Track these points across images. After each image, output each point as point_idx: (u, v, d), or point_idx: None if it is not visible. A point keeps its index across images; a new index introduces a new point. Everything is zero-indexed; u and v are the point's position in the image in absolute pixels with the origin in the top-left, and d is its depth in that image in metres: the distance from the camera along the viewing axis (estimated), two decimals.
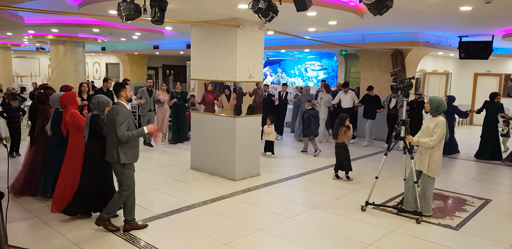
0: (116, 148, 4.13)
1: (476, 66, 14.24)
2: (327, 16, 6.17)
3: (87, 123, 4.39)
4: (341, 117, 6.70)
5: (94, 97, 4.52)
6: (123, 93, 4.29)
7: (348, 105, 9.96)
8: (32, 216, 4.70)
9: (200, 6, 5.41)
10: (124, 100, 4.28)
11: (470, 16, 6.49)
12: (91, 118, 4.39)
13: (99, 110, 4.47)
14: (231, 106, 6.47)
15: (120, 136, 4.06)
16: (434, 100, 4.81)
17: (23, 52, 19.45)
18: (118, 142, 4.12)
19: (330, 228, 4.60)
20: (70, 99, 4.83)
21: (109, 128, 4.17)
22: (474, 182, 6.78)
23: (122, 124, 4.07)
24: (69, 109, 4.76)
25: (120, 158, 4.14)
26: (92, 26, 9.05)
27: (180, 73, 20.21)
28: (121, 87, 4.29)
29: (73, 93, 4.99)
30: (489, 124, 8.60)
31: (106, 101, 4.51)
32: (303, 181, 6.63)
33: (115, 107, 4.20)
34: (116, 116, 4.08)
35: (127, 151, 4.17)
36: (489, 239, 4.40)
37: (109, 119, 4.16)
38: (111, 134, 4.15)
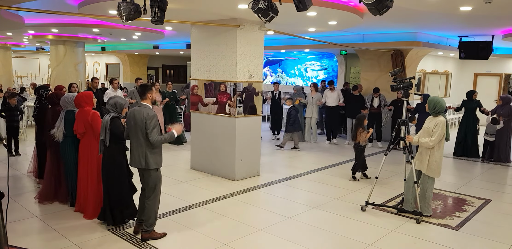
0: (144, 153, 3.95)
1: (476, 66, 14.24)
2: (327, 16, 6.17)
3: (106, 126, 4.16)
4: (358, 118, 6.68)
5: (111, 98, 4.31)
6: (150, 95, 4.07)
7: (334, 103, 10.03)
8: (32, 216, 4.70)
9: (200, 6, 5.41)
10: (149, 102, 4.08)
11: (470, 16, 6.49)
12: (111, 121, 4.17)
13: (117, 112, 4.26)
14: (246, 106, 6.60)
15: (154, 141, 3.89)
16: (430, 101, 4.82)
17: (23, 52, 19.45)
18: (148, 147, 3.94)
19: (330, 228, 4.60)
20: (87, 99, 4.68)
21: (136, 131, 3.96)
22: (474, 182, 6.78)
23: (155, 128, 3.90)
24: (88, 110, 4.61)
25: (150, 163, 3.97)
26: (92, 26, 9.05)
27: (180, 73, 20.21)
28: (148, 88, 4.07)
29: (90, 93, 4.82)
30: (469, 122, 8.76)
31: (124, 102, 4.33)
32: (303, 181, 6.63)
33: (144, 110, 3.95)
34: (148, 120, 3.88)
35: (157, 156, 4.03)
36: (489, 239, 4.40)
37: (136, 123, 3.93)
38: (138, 138, 3.95)
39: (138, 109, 3.99)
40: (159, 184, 4.13)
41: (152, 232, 4.15)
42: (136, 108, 4.01)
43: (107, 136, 4.17)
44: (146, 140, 3.93)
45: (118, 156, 4.28)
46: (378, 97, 9.75)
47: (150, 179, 4.05)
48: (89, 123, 4.53)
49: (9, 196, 4.58)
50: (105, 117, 4.23)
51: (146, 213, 4.09)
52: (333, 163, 7.92)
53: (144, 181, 4.10)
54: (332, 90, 10.04)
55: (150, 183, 4.06)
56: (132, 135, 4.01)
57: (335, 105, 10.02)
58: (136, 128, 3.94)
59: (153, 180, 4.06)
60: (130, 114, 4.02)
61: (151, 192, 4.08)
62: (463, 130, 8.86)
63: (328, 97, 10.03)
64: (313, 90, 10.12)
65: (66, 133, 4.81)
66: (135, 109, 4.01)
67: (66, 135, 4.82)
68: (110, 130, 4.16)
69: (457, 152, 8.91)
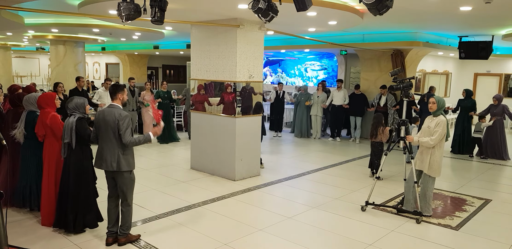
0: (116, 155, 3.79)
1: (476, 66, 14.24)
2: (327, 16, 6.17)
3: (71, 128, 3.98)
4: (377, 117, 6.70)
5: (69, 100, 4.13)
6: (120, 96, 3.94)
7: (340, 102, 10.18)
8: (32, 216, 4.69)
9: (200, 6, 5.41)
10: (119, 103, 3.93)
11: (470, 16, 6.49)
12: (76, 122, 4.00)
13: (80, 112, 4.10)
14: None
15: (127, 142, 3.75)
16: (439, 100, 4.81)
17: (23, 52, 19.44)
18: (120, 148, 3.80)
19: (330, 228, 4.60)
20: (48, 100, 4.42)
21: (106, 133, 3.80)
22: (474, 182, 6.78)
23: (128, 129, 3.77)
24: (49, 112, 4.35)
25: (121, 165, 3.80)
26: (92, 26, 9.05)
27: (180, 73, 20.21)
28: (119, 89, 3.94)
29: (53, 95, 4.54)
30: (465, 120, 8.90)
31: (83, 101, 4.15)
32: (303, 181, 6.63)
33: (115, 110, 3.81)
34: (121, 121, 3.74)
35: (129, 157, 3.87)
36: (489, 239, 4.40)
37: (107, 123, 3.78)
38: (110, 139, 3.80)
39: (108, 110, 3.83)
40: (132, 186, 3.96)
41: (128, 235, 4.03)
42: (106, 109, 3.86)
43: (73, 138, 3.98)
44: (118, 141, 3.78)
45: (86, 159, 4.12)
46: (385, 96, 9.77)
47: (123, 182, 3.87)
48: (48, 126, 4.30)
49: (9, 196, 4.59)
50: (69, 119, 4.04)
51: (122, 218, 3.97)
52: (333, 163, 7.92)
53: (117, 185, 3.91)
54: (339, 89, 10.20)
55: (123, 186, 3.88)
56: (102, 136, 3.84)
57: (340, 104, 10.16)
58: (107, 129, 3.78)
59: (126, 182, 3.89)
60: (99, 115, 3.86)
61: (124, 196, 3.91)
62: (459, 128, 9.01)
63: (335, 96, 10.23)
64: (320, 89, 10.38)
65: (27, 135, 4.54)
66: (105, 110, 3.86)
67: (26, 136, 4.54)
68: (76, 132, 3.99)
69: (453, 149, 9.10)
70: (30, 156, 4.58)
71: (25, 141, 4.57)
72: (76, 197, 4.10)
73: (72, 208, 4.11)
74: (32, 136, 4.52)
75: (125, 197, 3.93)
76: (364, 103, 10.03)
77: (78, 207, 4.12)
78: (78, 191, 4.10)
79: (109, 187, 4.01)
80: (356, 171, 7.33)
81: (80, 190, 4.11)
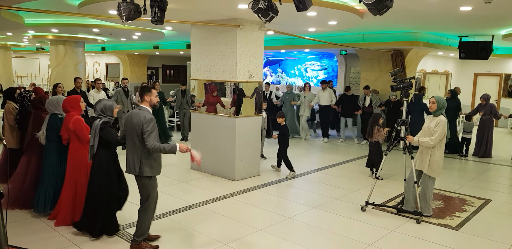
0: (139, 159, 3.70)
1: (476, 66, 14.24)
2: (327, 16, 6.17)
3: (96, 132, 3.92)
4: (374, 116, 6.77)
5: (98, 102, 4.07)
6: (147, 98, 3.82)
7: (326, 102, 10.19)
8: (32, 216, 4.69)
9: (200, 6, 5.41)
10: (148, 105, 3.82)
11: (470, 16, 6.49)
12: (101, 126, 3.92)
13: (107, 115, 4.02)
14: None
15: (151, 146, 3.61)
16: (439, 100, 4.82)
17: (23, 52, 19.44)
18: (143, 152, 3.70)
19: (330, 228, 4.60)
20: (73, 103, 4.42)
21: (132, 135, 3.72)
22: (474, 182, 6.78)
23: (152, 133, 3.64)
24: (72, 115, 4.35)
25: (143, 170, 3.71)
26: (92, 26, 9.05)
27: (180, 73, 20.21)
28: (146, 91, 3.83)
29: (78, 97, 4.53)
30: (451, 120, 8.90)
31: (111, 103, 4.09)
32: (303, 181, 6.63)
33: (141, 113, 3.71)
34: (145, 124, 3.63)
35: (153, 162, 3.76)
36: (489, 239, 4.40)
37: (132, 126, 3.70)
38: (134, 142, 3.72)
39: (136, 112, 3.77)
40: (153, 193, 3.87)
41: (141, 243, 3.91)
42: (134, 111, 3.80)
43: (95, 142, 3.92)
44: (142, 145, 3.69)
45: (107, 163, 4.02)
46: (369, 96, 9.93)
47: (142, 188, 3.82)
48: (71, 130, 4.28)
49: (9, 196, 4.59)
50: (95, 122, 3.95)
51: (137, 223, 3.88)
52: (333, 163, 7.92)
53: (142, 190, 3.85)
54: (324, 90, 10.23)
55: (142, 192, 3.84)
56: (128, 139, 3.79)
57: (327, 104, 10.19)
58: (132, 131, 3.71)
59: (146, 189, 3.81)
60: (127, 117, 3.82)
61: (143, 202, 3.86)
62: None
63: (321, 97, 10.25)
64: (306, 90, 10.37)
65: (48, 138, 4.55)
66: (133, 112, 3.81)
67: (48, 139, 4.56)
68: (101, 136, 3.92)
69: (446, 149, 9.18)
70: (49, 159, 4.58)
71: (46, 144, 4.59)
72: (97, 201, 4.03)
73: (94, 213, 4.05)
74: (52, 139, 4.54)
75: (144, 203, 3.85)
76: (354, 104, 10.03)
77: (99, 211, 4.04)
78: (99, 196, 4.02)
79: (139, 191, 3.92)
80: (356, 171, 7.33)
81: (101, 194, 4.01)
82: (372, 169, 6.90)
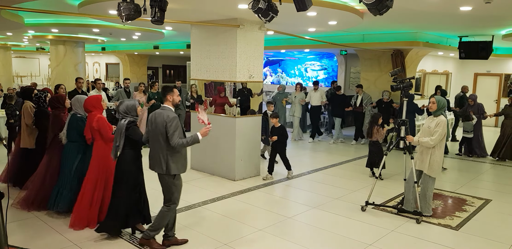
0: (165, 157, 3.76)
1: (476, 66, 14.23)
2: (327, 16, 6.18)
3: (121, 132, 3.91)
4: (374, 116, 6.79)
5: (120, 103, 4.06)
6: (170, 98, 3.86)
7: (317, 103, 10.21)
8: (32, 216, 4.69)
9: (200, 6, 5.41)
10: (170, 105, 3.88)
11: (470, 16, 6.49)
12: (127, 126, 3.92)
13: (132, 115, 4.01)
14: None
15: (175, 144, 3.68)
16: (439, 100, 4.81)
17: (23, 52, 19.45)
18: (168, 151, 3.76)
19: (330, 228, 4.60)
20: (95, 103, 4.44)
21: (156, 135, 3.78)
22: (474, 182, 6.78)
23: (176, 131, 3.70)
24: (95, 114, 4.37)
25: (170, 169, 3.77)
26: (92, 26, 9.05)
27: (180, 73, 20.22)
28: (169, 90, 3.87)
29: (99, 97, 4.56)
30: None
31: (134, 102, 4.06)
32: (303, 181, 6.63)
33: (164, 112, 3.77)
34: (168, 122, 3.69)
35: (178, 160, 3.82)
36: (489, 239, 4.40)
37: (156, 126, 3.76)
38: (159, 141, 3.77)
39: (159, 112, 3.82)
40: (177, 192, 3.93)
41: (151, 241, 3.93)
42: (158, 111, 3.85)
43: (121, 141, 3.91)
44: (167, 144, 3.74)
45: (133, 163, 4.04)
46: (361, 95, 9.93)
47: (167, 186, 3.86)
48: (95, 129, 4.31)
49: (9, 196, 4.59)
50: (120, 122, 3.97)
51: (157, 218, 3.91)
52: (333, 163, 7.92)
53: (165, 189, 3.89)
54: (315, 90, 10.24)
55: (167, 191, 3.88)
56: (152, 138, 3.83)
57: (318, 104, 10.21)
58: (156, 131, 3.77)
59: (171, 187, 3.86)
60: (151, 117, 3.86)
61: (168, 199, 3.89)
62: None
63: (312, 97, 10.26)
64: (297, 90, 10.36)
65: (68, 137, 4.58)
66: (156, 112, 3.85)
67: (68, 139, 4.59)
68: (126, 136, 3.92)
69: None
70: (69, 158, 4.59)
71: (66, 144, 4.61)
72: (122, 200, 4.02)
73: (118, 212, 4.03)
74: (72, 139, 4.56)
75: (168, 200, 3.89)
76: (344, 104, 10.01)
77: (125, 211, 4.03)
78: (124, 195, 4.02)
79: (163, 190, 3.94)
80: (356, 171, 7.33)
81: (126, 193, 4.02)
82: (372, 169, 6.90)
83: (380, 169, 5.69)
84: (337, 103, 9.99)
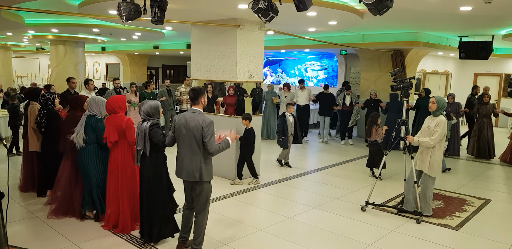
0: (199, 164, 3.57)
1: (476, 66, 14.24)
2: (327, 16, 6.18)
3: (145, 134, 3.77)
4: (372, 116, 6.78)
5: (142, 103, 3.91)
6: (202, 100, 3.68)
7: (304, 102, 10.16)
8: (32, 216, 4.70)
9: (200, 6, 5.41)
10: (201, 107, 3.69)
11: (470, 16, 6.49)
12: (150, 128, 3.77)
13: (154, 117, 3.87)
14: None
15: (213, 151, 3.53)
16: (439, 100, 4.81)
17: (23, 52, 19.45)
18: (203, 157, 3.58)
19: (330, 228, 4.60)
20: (121, 103, 4.30)
21: (189, 140, 3.56)
22: (474, 182, 6.78)
23: (212, 136, 3.54)
24: (122, 116, 4.24)
25: (204, 176, 3.58)
26: (92, 26, 9.06)
27: (180, 73, 20.23)
28: (201, 93, 3.66)
29: (123, 97, 4.41)
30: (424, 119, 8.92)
31: (158, 104, 3.91)
32: (303, 181, 6.64)
33: (198, 116, 3.57)
34: (205, 127, 3.50)
35: (210, 167, 3.68)
36: (489, 239, 4.40)
37: (189, 130, 3.55)
38: (192, 147, 3.56)
39: (191, 115, 3.59)
40: (210, 196, 3.80)
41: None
42: (187, 114, 3.62)
43: (147, 145, 3.78)
44: (201, 150, 3.56)
45: (160, 167, 3.93)
46: (350, 95, 9.94)
47: (202, 192, 3.68)
48: (123, 131, 4.15)
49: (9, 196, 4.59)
50: (142, 124, 3.82)
51: (196, 230, 3.75)
52: (333, 163, 7.92)
53: (195, 195, 3.72)
54: (302, 89, 10.23)
55: (202, 197, 3.69)
56: (183, 143, 3.62)
57: (305, 103, 10.17)
58: (189, 136, 3.55)
59: (206, 193, 3.70)
60: (180, 120, 3.63)
61: (202, 206, 3.72)
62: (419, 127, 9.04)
63: (299, 96, 10.21)
64: (286, 90, 10.31)
65: (87, 140, 4.37)
66: (186, 115, 3.62)
67: (86, 141, 4.37)
68: (150, 139, 3.78)
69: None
70: (89, 162, 4.42)
71: (83, 146, 4.39)
72: (151, 205, 3.92)
73: (148, 218, 3.94)
74: (92, 141, 4.39)
75: (203, 207, 3.74)
76: (332, 103, 10.04)
77: (154, 216, 3.93)
78: (152, 200, 3.91)
79: (187, 198, 3.84)
80: (356, 171, 7.34)
81: (154, 198, 3.91)
82: (372, 169, 6.90)
83: (380, 169, 5.69)
84: (325, 103, 10.04)
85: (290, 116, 7.20)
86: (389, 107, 9.15)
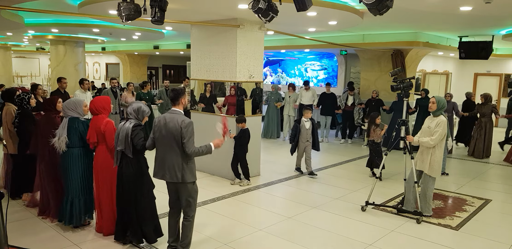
0: (181, 165, 3.52)
1: (476, 66, 14.24)
2: (327, 16, 6.17)
3: (126, 135, 3.69)
4: (372, 116, 6.79)
5: (134, 103, 3.88)
6: (183, 100, 3.64)
7: (309, 102, 10.24)
8: (32, 216, 4.70)
9: (200, 6, 5.41)
10: (181, 108, 3.65)
11: (470, 16, 6.49)
12: (132, 129, 3.70)
13: (138, 119, 3.81)
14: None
15: (191, 152, 3.48)
16: (439, 100, 4.81)
17: (23, 52, 19.45)
18: (184, 158, 3.53)
19: (330, 228, 4.60)
20: (105, 104, 4.20)
21: (169, 141, 3.51)
22: (474, 182, 6.78)
23: (191, 137, 3.49)
24: (103, 117, 4.14)
25: (186, 176, 3.54)
26: (92, 26, 9.05)
27: (180, 73, 20.22)
28: (182, 93, 3.62)
29: (108, 98, 4.29)
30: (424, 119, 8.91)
31: (148, 110, 3.89)
32: (303, 181, 6.63)
33: (178, 117, 3.52)
34: (184, 128, 3.45)
35: (193, 167, 3.62)
36: (489, 239, 4.40)
37: (169, 131, 3.49)
38: (173, 148, 3.51)
39: (171, 116, 3.54)
40: (196, 198, 3.72)
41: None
42: (167, 115, 3.57)
43: (129, 146, 3.70)
44: (181, 150, 3.51)
45: (144, 167, 3.87)
46: (353, 96, 10.00)
47: (186, 194, 3.62)
48: (101, 133, 4.06)
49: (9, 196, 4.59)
50: (124, 124, 3.74)
51: (183, 232, 3.71)
52: (333, 163, 7.92)
53: (180, 197, 3.67)
54: (307, 90, 10.29)
55: (186, 198, 3.63)
56: (163, 145, 3.56)
57: (309, 104, 10.22)
58: (168, 137, 3.50)
59: (190, 194, 3.64)
60: (160, 121, 3.58)
61: (190, 208, 3.66)
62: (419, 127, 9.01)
63: (303, 96, 10.30)
64: (290, 90, 10.46)
65: (70, 144, 4.19)
66: (166, 116, 3.57)
67: (69, 145, 4.18)
68: (132, 140, 3.70)
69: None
70: (73, 166, 4.23)
71: (66, 150, 4.19)
72: (132, 208, 3.86)
73: (128, 220, 3.89)
74: (74, 144, 4.21)
75: (189, 209, 3.67)
76: (333, 102, 10.07)
77: (135, 218, 3.87)
78: (134, 202, 3.85)
79: (171, 200, 3.78)
80: (356, 171, 7.34)
81: (136, 200, 3.85)
82: (372, 169, 6.90)
83: (380, 169, 5.69)
84: (327, 102, 10.05)
85: (307, 122, 6.83)
86: (395, 106, 9.12)
